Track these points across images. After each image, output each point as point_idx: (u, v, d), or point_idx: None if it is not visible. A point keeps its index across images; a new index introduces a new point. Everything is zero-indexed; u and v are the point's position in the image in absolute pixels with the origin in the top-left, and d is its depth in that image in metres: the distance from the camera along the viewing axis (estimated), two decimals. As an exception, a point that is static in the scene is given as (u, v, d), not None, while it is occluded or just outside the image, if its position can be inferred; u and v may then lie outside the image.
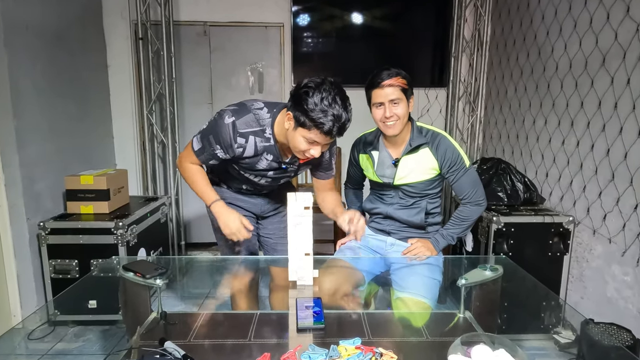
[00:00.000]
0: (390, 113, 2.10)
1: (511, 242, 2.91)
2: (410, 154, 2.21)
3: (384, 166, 2.28)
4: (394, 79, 2.07)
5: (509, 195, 3.16)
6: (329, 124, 1.74)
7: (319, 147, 1.84)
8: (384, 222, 2.36)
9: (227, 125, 1.93)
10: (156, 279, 1.57)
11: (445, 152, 2.18)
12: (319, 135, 1.77)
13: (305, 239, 1.75)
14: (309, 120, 1.75)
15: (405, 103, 2.11)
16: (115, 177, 3.24)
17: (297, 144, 1.85)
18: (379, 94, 2.11)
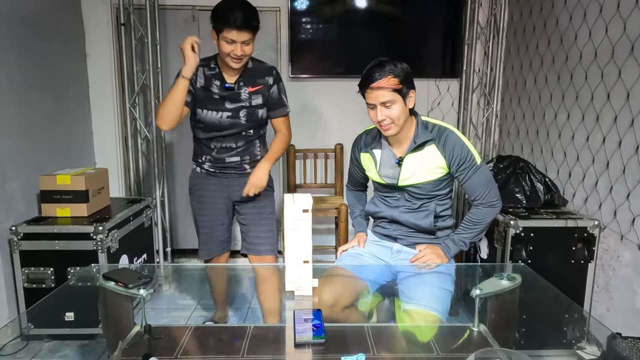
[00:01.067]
0: (382, 116, 2.11)
1: (530, 249, 2.91)
2: (415, 152, 2.21)
3: (387, 166, 2.28)
4: (385, 81, 2.07)
5: (528, 196, 3.16)
6: (233, 16, 2.33)
7: (238, 45, 2.41)
8: (390, 226, 2.37)
9: None
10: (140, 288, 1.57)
11: (453, 149, 2.18)
12: (231, 31, 2.36)
13: (304, 245, 1.75)
14: (217, 22, 2.39)
15: (400, 103, 2.12)
16: (95, 177, 3.24)
17: (221, 49, 2.44)
18: (369, 96, 2.13)
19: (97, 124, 4.18)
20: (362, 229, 2.53)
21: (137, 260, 3.45)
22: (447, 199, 2.33)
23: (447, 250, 2.25)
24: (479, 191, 2.23)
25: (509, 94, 4.08)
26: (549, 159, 3.43)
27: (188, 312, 1.97)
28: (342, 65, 4.20)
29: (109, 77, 4.13)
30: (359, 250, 2.41)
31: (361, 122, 2.59)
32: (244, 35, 2.39)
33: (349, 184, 2.66)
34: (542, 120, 3.53)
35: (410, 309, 2.03)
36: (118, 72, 4.10)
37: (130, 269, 1.81)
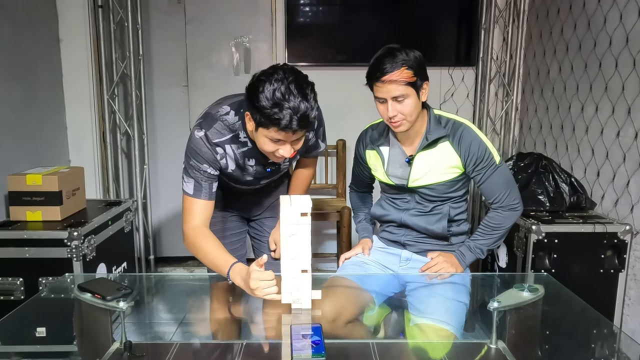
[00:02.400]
0: (393, 112, 2.10)
1: (554, 257, 2.92)
2: (427, 150, 2.21)
3: (396, 165, 2.28)
4: (397, 73, 2.05)
5: (551, 198, 3.16)
6: (286, 119, 1.82)
7: (287, 145, 1.96)
8: (398, 231, 2.37)
9: (200, 139, 2.09)
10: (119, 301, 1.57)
11: (469, 146, 2.18)
12: (280, 132, 1.87)
13: (302, 252, 1.75)
14: (264, 118, 1.85)
15: (414, 97, 2.11)
16: (69, 177, 3.24)
17: (262, 146, 1.99)
18: (379, 89, 2.11)
19: (72, 118, 4.17)
20: (367, 234, 2.52)
21: (116, 270, 3.45)
22: (462, 202, 2.33)
23: (462, 259, 2.25)
24: (498, 193, 2.23)
25: (530, 85, 4.08)
26: (575, 157, 3.44)
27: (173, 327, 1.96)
28: (345, 53, 4.20)
29: (85, 66, 4.12)
30: (364, 258, 2.40)
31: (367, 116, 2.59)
32: (298, 134, 1.93)
33: (352, 185, 2.65)
34: (567, 114, 3.53)
35: (420, 324, 2.03)
36: (95, 60, 4.09)
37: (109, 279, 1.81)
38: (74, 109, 4.16)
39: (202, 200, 2.10)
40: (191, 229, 2.08)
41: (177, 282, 2.64)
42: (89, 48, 4.10)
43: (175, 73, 4.29)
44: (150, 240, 4.20)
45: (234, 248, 2.51)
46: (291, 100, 1.82)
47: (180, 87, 4.31)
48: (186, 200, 2.13)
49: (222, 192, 2.41)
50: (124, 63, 3.99)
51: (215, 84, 4.29)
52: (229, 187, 2.35)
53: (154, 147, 4.32)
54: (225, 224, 2.52)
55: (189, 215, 2.11)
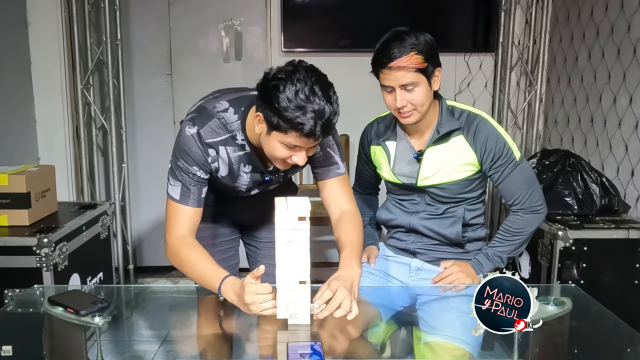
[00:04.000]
0: (402, 102, 2.10)
1: (583, 266, 2.92)
2: (438, 144, 2.22)
3: (403, 161, 2.28)
4: (406, 59, 2.05)
5: (580, 201, 3.16)
6: (310, 124, 1.77)
7: (303, 152, 1.90)
8: (407, 238, 2.37)
9: (191, 137, 2.01)
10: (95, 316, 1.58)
11: (486, 141, 2.18)
12: (300, 138, 1.81)
13: (300, 261, 1.75)
14: (284, 121, 1.78)
15: (425, 85, 2.11)
16: (39, 176, 3.24)
17: (273, 152, 1.91)
18: (386, 77, 2.11)
19: (41, 110, 4.18)
20: (373, 241, 2.53)
21: (91, 281, 3.45)
22: (478, 204, 2.33)
23: (480, 268, 2.25)
24: (519, 193, 2.23)
25: (556, 73, 4.08)
26: (606, 154, 3.44)
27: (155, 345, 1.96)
28: (347, 37, 4.20)
29: (56, 52, 4.12)
30: (369, 268, 2.40)
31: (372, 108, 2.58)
32: (316, 141, 1.88)
33: (356, 186, 2.65)
34: (598, 106, 3.53)
35: (432, 342, 2.03)
36: (67, 46, 4.10)
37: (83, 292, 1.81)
38: (44, 101, 4.17)
39: (190, 207, 2.05)
40: (175, 239, 2.03)
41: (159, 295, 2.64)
42: (60, 32, 4.10)
43: (157, 60, 4.30)
44: (130, 248, 4.20)
45: (225, 257, 2.50)
46: (315, 103, 1.77)
47: (163, 76, 4.32)
48: (171, 206, 2.07)
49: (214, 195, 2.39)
50: (100, 49, 3.99)
51: (202, 72, 4.29)
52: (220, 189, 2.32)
53: (133, 143, 4.32)
54: (215, 229, 2.49)
55: (173, 223, 2.05)
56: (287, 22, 4.20)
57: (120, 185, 4.10)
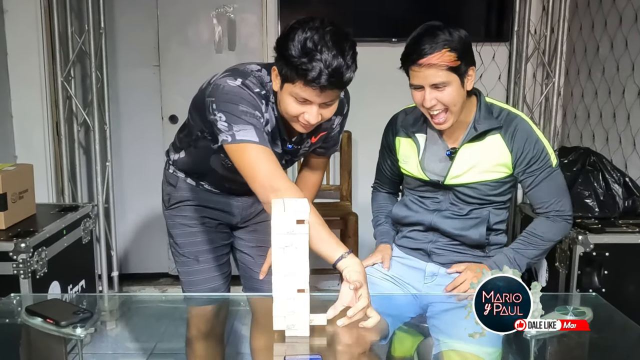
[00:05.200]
0: (431, 101, 2.09)
1: (605, 273, 2.92)
2: (473, 142, 2.22)
3: (434, 157, 2.29)
4: (438, 55, 2.04)
5: (601, 202, 3.16)
6: (315, 71, 1.81)
7: (314, 107, 1.92)
8: (424, 237, 2.36)
9: (239, 87, 2.00)
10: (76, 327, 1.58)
11: (524, 143, 2.19)
12: (306, 88, 1.86)
13: (299, 268, 1.75)
14: (290, 68, 1.85)
15: (457, 85, 2.10)
16: (16, 176, 3.24)
17: (286, 107, 1.96)
18: (416, 74, 2.10)
19: (19, 105, 4.19)
20: (388, 239, 2.50)
21: (72, 289, 3.46)
22: (503, 209, 2.33)
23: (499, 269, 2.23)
24: (549, 200, 2.25)
25: (575, 64, 4.09)
26: (629, 152, 3.44)
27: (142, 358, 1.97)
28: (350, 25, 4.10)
29: (35, 41, 4.13)
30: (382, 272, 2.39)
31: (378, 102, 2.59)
32: (329, 95, 1.92)
33: (377, 184, 2.64)
34: (620, 99, 3.54)
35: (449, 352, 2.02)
36: (47, 35, 4.10)
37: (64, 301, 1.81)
38: (21, 94, 4.17)
39: (265, 147, 1.94)
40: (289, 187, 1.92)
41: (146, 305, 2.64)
42: (39, 20, 4.10)
43: (144, 50, 4.30)
44: (114, 254, 4.21)
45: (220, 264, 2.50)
46: (324, 52, 1.82)
47: (150, 67, 4.32)
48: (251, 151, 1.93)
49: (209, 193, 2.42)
50: (82, 38, 3.99)
51: (192, 63, 4.29)
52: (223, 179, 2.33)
53: (118, 140, 4.33)
54: (209, 234, 2.48)
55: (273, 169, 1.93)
56: (285, 10, 4.19)
57: (104, 185, 4.11)
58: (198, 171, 2.39)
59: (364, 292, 1.76)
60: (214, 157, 2.25)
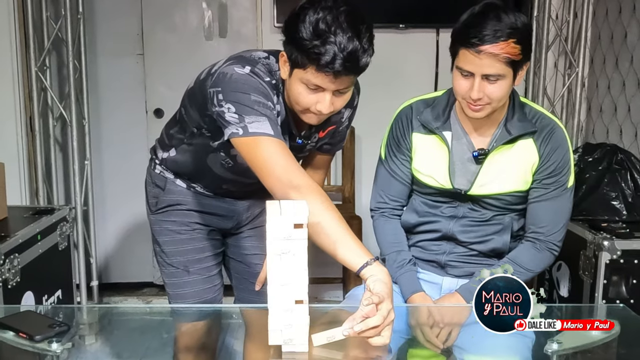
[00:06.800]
0: (479, 94, 2.04)
1: (633, 282, 2.93)
2: (505, 147, 2.20)
3: (460, 159, 2.26)
4: (503, 45, 1.97)
5: (629, 205, 3.17)
6: (328, 54, 1.81)
7: (326, 94, 1.92)
8: (437, 247, 2.35)
9: (248, 75, 1.99)
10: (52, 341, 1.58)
11: (555, 151, 2.19)
12: (318, 74, 1.85)
13: (296, 277, 1.75)
14: (301, 52, 1.86)
15: (509, 80, 2.06)
16: (-15, 176, 3.24)
17: (297, 96, 1.96)
18: (469, 60, 2.03)
19: (-12, 97, 4.19)
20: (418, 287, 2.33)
21: (48, 300, 3.47)
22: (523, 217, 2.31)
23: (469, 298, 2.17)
24: (547, 223, 2.24)
25: (601, 53, 4.09)
26: (661, 149, 3.45)
27: (124, 377, 1.98)
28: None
29: (6, 28, 4.13)
30: None
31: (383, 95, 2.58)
32: (344, 81, 1.92)
33: (381, 204, 2.46)
34: (651, 92, 3.54)
35: None
36: (19, 20, 4.10)
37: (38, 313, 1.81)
38: (-9, 86, 4.18)
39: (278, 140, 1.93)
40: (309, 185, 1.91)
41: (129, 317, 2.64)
42: (10, 4, 4.10)
43: (126, 38, 4.31)
44: (94, 261, 4.21)
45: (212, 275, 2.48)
46: (338, 34, 1.81)
47: (133, 56, 4.33)
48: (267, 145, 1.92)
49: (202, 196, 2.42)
50: (57, 24, 4.00)
51: (179, 51, 4.30)
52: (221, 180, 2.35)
53: (98, 136, 4.34)
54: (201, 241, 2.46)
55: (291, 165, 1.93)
56: (281, -5, 4.20)
57: (82, 186, 4.11)
58: (192, 171, 2.39)
59: (385, 307, 1.69)
60: (212, 155, 2.25)
